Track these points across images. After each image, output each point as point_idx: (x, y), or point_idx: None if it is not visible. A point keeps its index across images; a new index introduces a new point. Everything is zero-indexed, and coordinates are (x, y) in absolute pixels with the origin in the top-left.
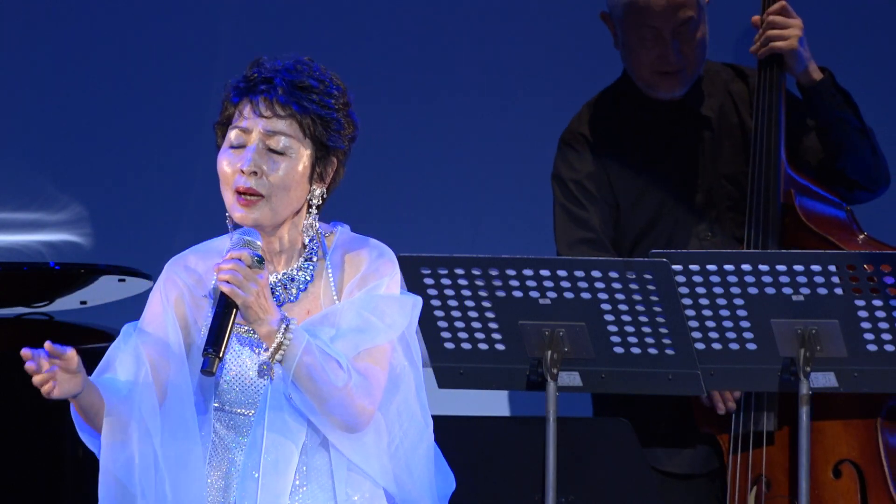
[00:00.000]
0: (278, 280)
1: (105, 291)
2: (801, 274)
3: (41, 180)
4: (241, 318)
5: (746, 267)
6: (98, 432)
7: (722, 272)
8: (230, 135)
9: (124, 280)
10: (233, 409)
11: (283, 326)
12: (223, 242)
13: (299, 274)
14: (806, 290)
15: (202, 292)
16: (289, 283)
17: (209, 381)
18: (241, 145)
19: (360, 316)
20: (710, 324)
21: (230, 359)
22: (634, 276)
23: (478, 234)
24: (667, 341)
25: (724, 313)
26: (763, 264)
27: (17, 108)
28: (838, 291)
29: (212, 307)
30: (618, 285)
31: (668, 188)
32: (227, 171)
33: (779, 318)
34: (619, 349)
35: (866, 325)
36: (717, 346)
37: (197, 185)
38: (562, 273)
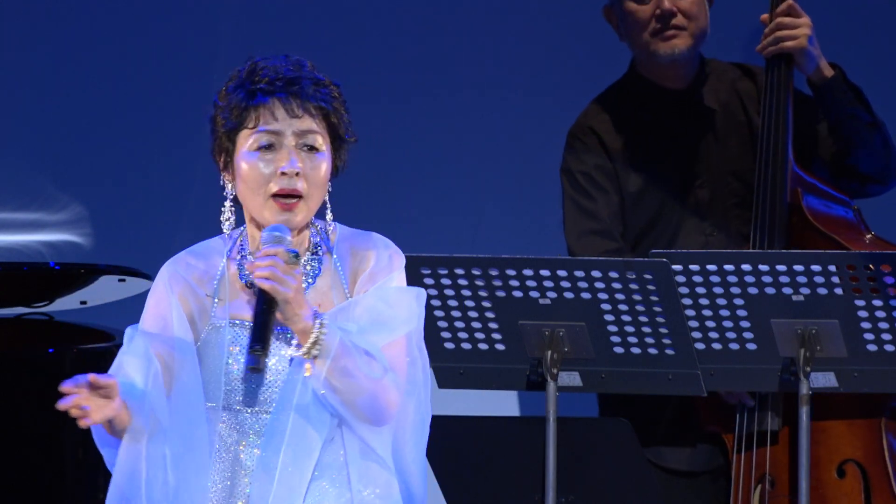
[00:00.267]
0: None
1: (105, 291)
2: (801, 274)
3: (41, 180)
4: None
5: (746, 267)
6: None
7: (722, 272)
8: (255, 137)
9: (124, 280)
10: (241, 407)
11: (318, 322)
12: (218, 243)
13: (307, 268)
14: (806, 290)
15: (205, 291)
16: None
17: (210, 380)
18: (269, 146)
19: (378, 309)
20: (710, 324)
21: (240, 357)
22: (634, 276)
23: (478, 234)
24: (667, 341)
25: (724, 313)
26: (763, 264)
27: (17, 108)
28: (838, 291)
29: (213, 306)
30: (618, 285)
31: (674, 182)
32: (264, 174)
33: (779, 318)
34: (619, 349)
35: (866, 325)
36: (717, 346)
37: (197, 185)
38: (562, 273)
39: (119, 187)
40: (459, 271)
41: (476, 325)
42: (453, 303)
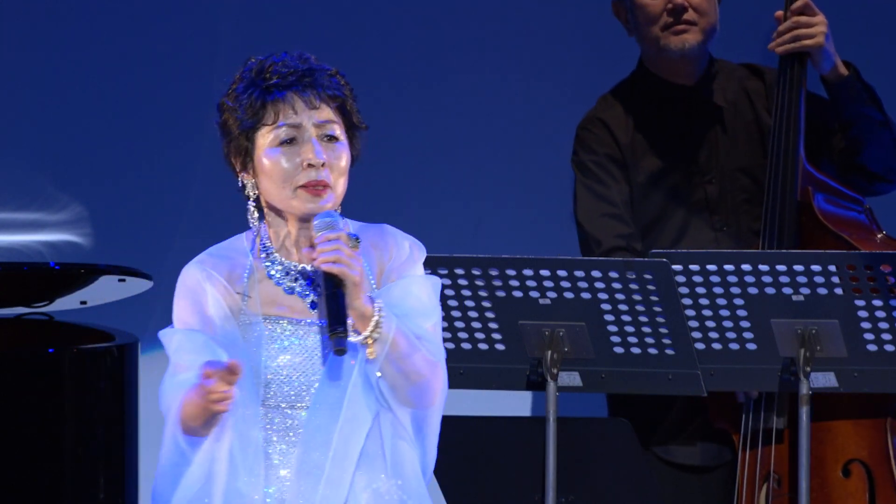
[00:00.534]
0: (311, 273)
1: (105, 291)
2: (801, 274)
3: (41, 180)
4: (289, 312)
5: (746, 267)
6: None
7: (722, 272)
8: (277, 133)
9: (124, 280)
10: (276, 404)
11: (377, 305)
12: (238, 242)
13: None
14: (806, 290)
15: (235, 289)
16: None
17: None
18: (291, 140)
19: (414, 296)
20: (710, 324)
21: (279, 352)
22: (634, 276)
23: (478, 234)
24: (667, 341)
25: (724, 313)
26: (763, 264)
27: (17, 108)
28: (838, 291)
29: (244, 303)
30: (618, 285)
31: (682, 177)
32: (288, 168)
33: (779, 318)
34: (619, 349)
35: (866, 325)
36: (717, 346)
37: (197, 185)
38: (562, 273)
39: (119, 187)
40: (459, 271)
41: (476, 325)
42: (453, 303)
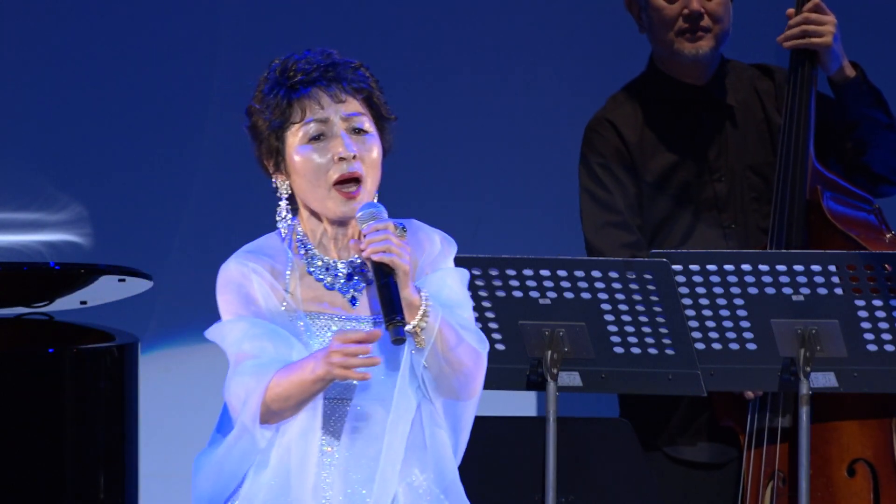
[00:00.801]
0: (358, 265)
1: (105, 291)
2: (801, 274)
3: (41, 180)
4: (330, 307)
5: (746, 267)
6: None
7: (722, 272)
8: (305, 129)
9: (124, 280)
10: (323, 398)
11: (424, 295)
12: (274, 240)
13: None
14: (806, 290)
15: (279, 284)
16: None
17: None
18: (320, 135)
19: (451, 288)
20: (710, 324)
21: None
22: (634, 276)
23: (478, 234)
24: (667, 341)
25: (724, 313)
26: (763, 264)
27: (17, 108)
28: (838, 291)
29: (286, 299)
30: (618, 285)
31: (691, 175)
32: (321, 163)
33: (779, 318)
34: (619, 349)
35: (866, 325)
36: (717, 346)
37: (197, 184)
38: (562, 273)
39: (119, 187)
40: None
41: (476, 325)
42: None
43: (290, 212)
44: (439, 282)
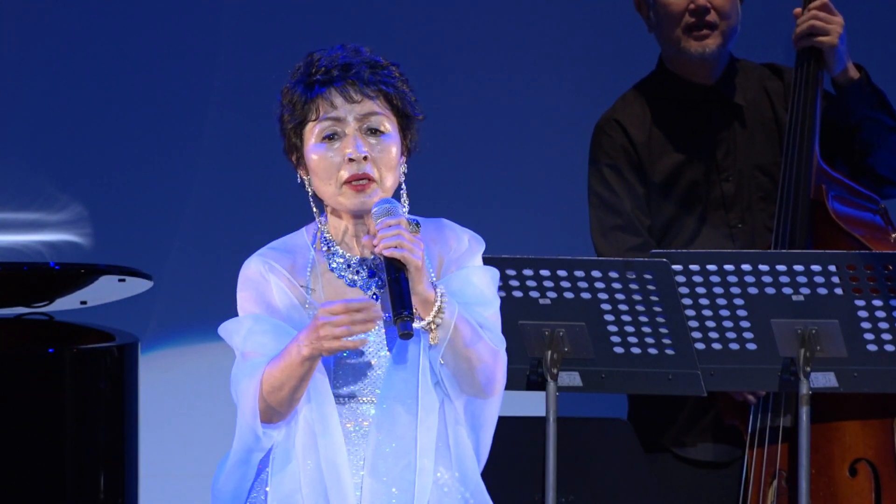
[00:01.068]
0: (378, 262)
1: (105, 291)
2: (801, 274)
3: (41, 180)
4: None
5: (746, 267)
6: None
7: (722, 272)
8: (319, 128)
9: (124, 280)
10: (343, 397)
11: (439, 291)
12: (299, 237)
13: None
14: (806, 290)
15: (299, 281)
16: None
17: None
18: (333, 135)
19: (474, 285)
20: (710, 324)
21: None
22: (634, 276)
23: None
24: (667, 341)
25: (724, 313)
26: (763, 264)
27: (17, 107)
28: (838, 291)
29: (308, 296)
30: (618, 285)
31: (699, 175)
32: (332, 163)
33: (779, 318)
34: (619, 349)
35: (866, 325)
36: (717, 346)
37: (197, 184)
38: (562, 273)
39: (119, 187)
40: None
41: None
42: None
43: (318, 208)
44: (463, 279)
